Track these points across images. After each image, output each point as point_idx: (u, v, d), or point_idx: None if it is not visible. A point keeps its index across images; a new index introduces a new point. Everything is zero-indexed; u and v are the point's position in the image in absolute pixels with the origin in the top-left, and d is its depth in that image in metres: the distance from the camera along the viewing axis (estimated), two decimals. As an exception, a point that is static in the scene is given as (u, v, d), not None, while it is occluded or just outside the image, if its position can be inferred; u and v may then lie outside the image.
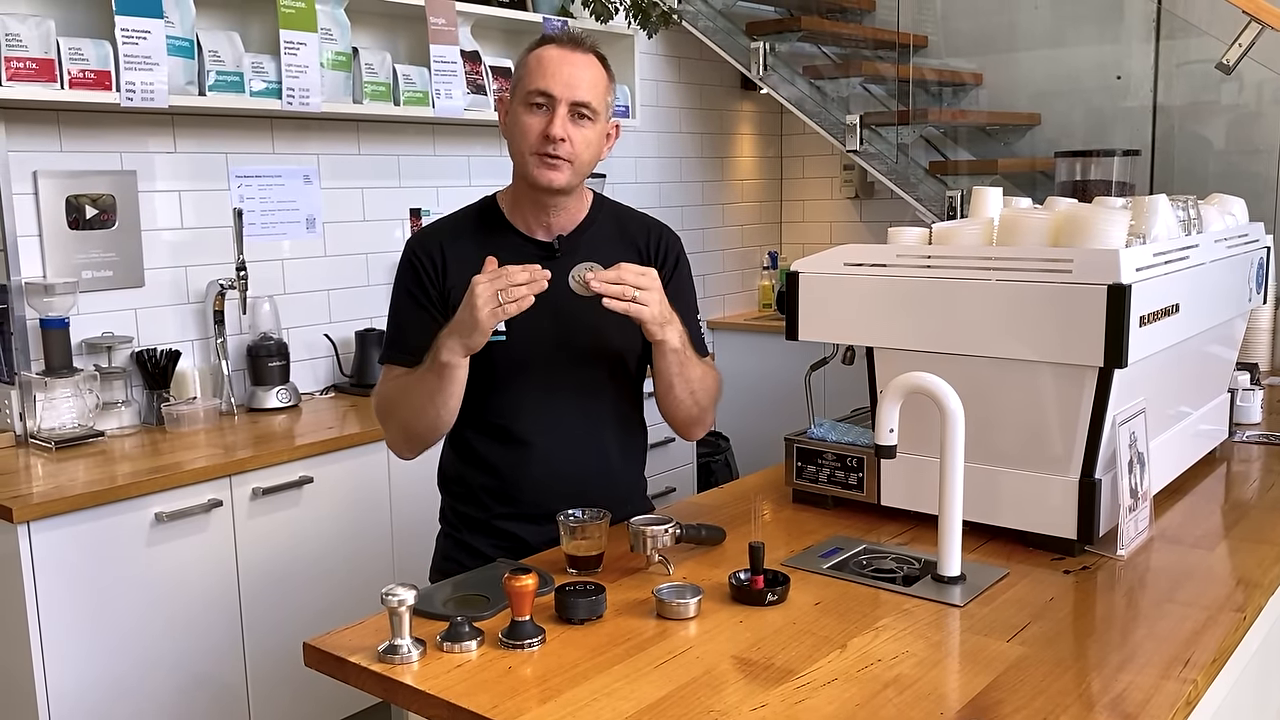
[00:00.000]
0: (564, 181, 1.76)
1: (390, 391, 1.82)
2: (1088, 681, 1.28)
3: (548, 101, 1.73)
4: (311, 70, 2.99)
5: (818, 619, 1.46)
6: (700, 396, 1.85)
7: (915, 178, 4.16)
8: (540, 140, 1.73)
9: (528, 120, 1.75)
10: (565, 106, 1.73)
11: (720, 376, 1.98)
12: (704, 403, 1.87)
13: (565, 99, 1.73)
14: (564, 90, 1.72)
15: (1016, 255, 1.65)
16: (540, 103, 1.74)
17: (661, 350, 1.75)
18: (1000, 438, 1.70)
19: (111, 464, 2.53)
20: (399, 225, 3.55)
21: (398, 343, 1.85)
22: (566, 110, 1.73)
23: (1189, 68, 4.02)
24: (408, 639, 1.35)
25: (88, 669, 2.34)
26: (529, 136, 1.74)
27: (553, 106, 1.73)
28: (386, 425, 1.86)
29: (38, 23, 2.54)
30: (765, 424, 3.97)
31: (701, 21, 4.37)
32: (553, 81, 1.73)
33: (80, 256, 2.83)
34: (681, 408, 1.85)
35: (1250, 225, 2.20)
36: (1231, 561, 1.69)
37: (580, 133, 1.75)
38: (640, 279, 1.66)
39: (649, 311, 1.67)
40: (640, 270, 1.68)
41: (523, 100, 1.76)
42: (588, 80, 1.75)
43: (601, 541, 1.62)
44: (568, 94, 1.73)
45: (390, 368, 1.85)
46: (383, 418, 1.86)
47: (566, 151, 1.74)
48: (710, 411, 1.93)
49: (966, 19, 4.66)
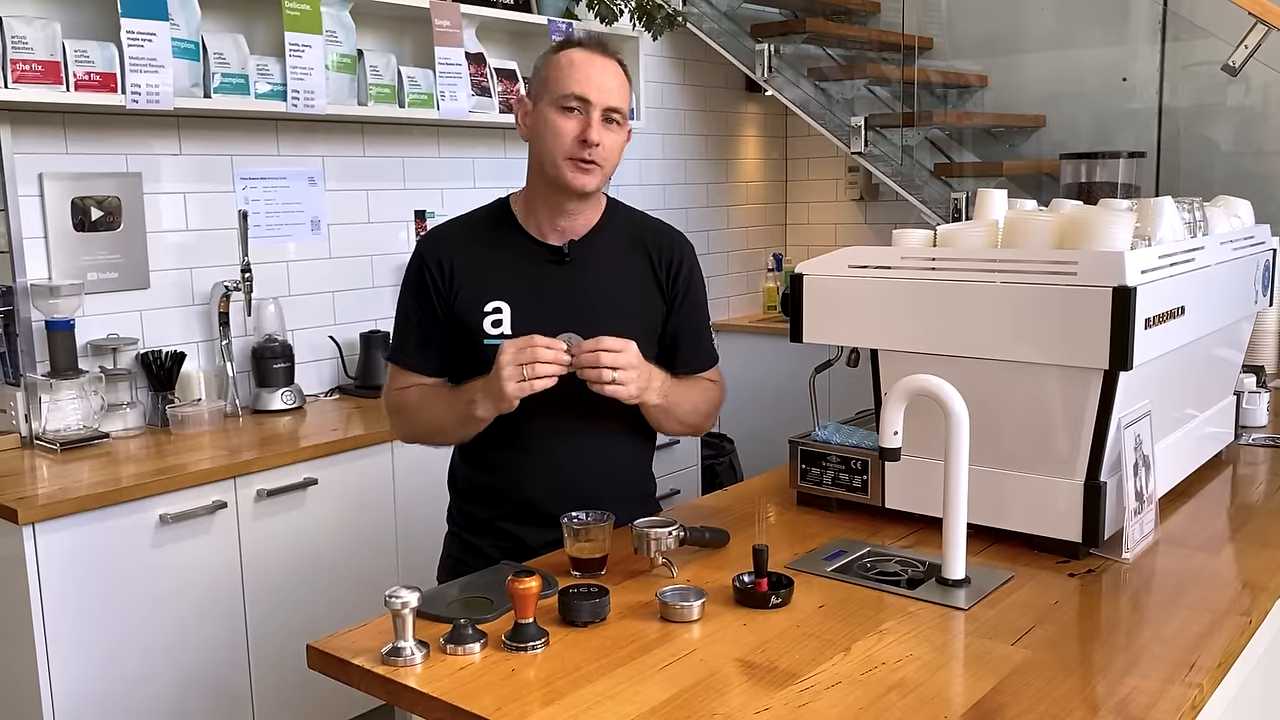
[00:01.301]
0: (595, 185, 1.78)
1: (409, 401, 1.86)
2: (1093, 685, 1.27)
3: (582, 106, 1.74)
4: (316, 72, 2.99)
5: (822, 622, 1.45)
6: (692, 420, 1.90)
7: (920, 180, 4.16)
8: (576, 145, 1.73)
9: (561, 123, 1.74)
10: (599, 111, 1.74)
11: (723, 384, 1.98)
12: (696, 423, 1.92)
13: (600, 104, 1.74)
14: (599, 95, 1.74)
15: (1021, 258, 1.65)
16: (574, 107, 1.74)
17: (644, 408, 1.78)
18: (1005, 440, 1.70)
19: (116, 466, 2.53)
20: (404, 227, 3.55)
21: (404, 345, 1.88)
22: (600, 115, 1.74)
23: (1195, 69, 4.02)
24: (411, 641, 1.34)
25: (92, 670, 2.34)
26: (563, 139, 1.74)
27: (587, 111, 1.73)
28: (400, 423, 1.92)
29: (43, 25, 2.55)
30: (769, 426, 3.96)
31: (706, 23, 4.38)
32: (588, 86, 1.73)
33: (85, 258, 2.83)
34: (675, 433, 1.93)
35: (1256, 227, 2.19)
36: (1237, 565, 1.68)
37: (611, 137, 1.76)
38: (618, 357, 1.68)
39: (626, 391, 1.69)
40: (618, 345, 1.68)
41: (554, 103, 1.75)
42: (617, 85, 1.77)
43: (605, 544, 1.62)
44: (602, 99, 1.74)
45: (397, 370, 1.89)
46: (396, 415, 1.90)
47: (599, 156, 1.75)
48: (706, 426, 1.97)
49: (971, 21, 4.65)
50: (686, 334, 1.92)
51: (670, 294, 1.90)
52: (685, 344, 1.92)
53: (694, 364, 1.93)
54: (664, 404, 1.78)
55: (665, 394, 1.78)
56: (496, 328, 1.79)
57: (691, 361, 1.92)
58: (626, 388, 1.68)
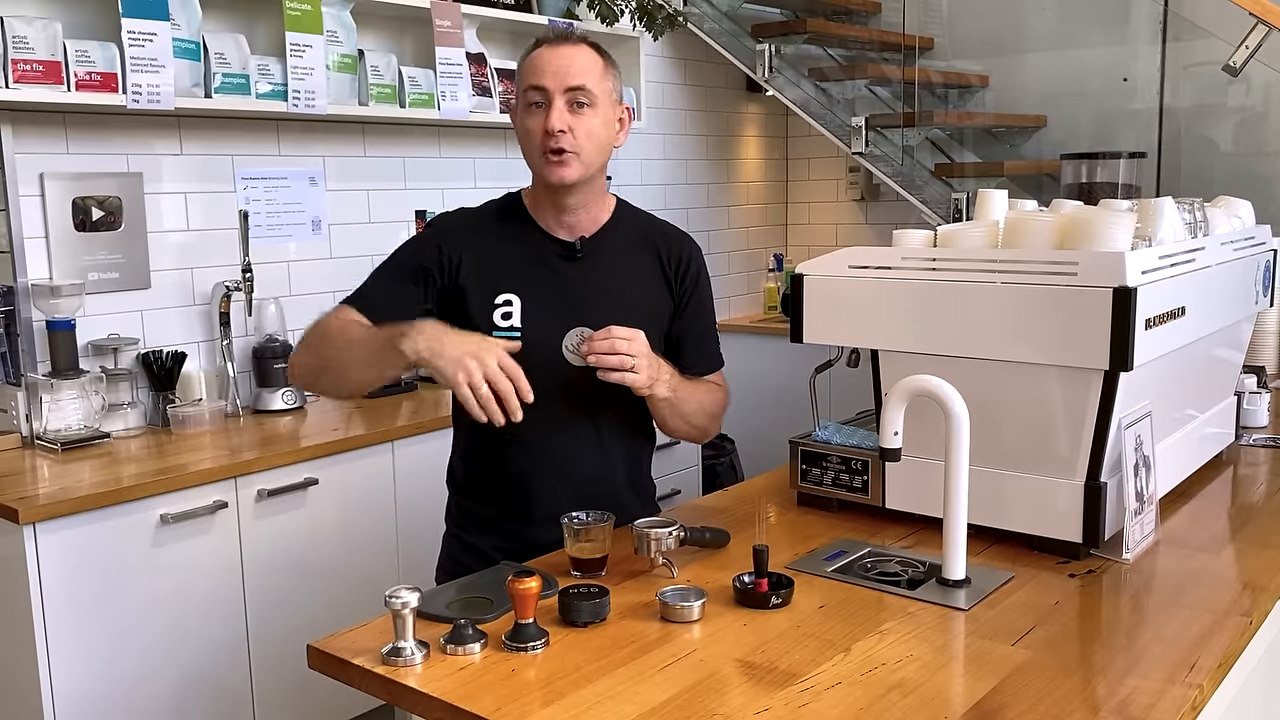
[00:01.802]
0: (575, 176, 1.75)
1: (333, 325, 1.73)
2: (1093, 686, 1.27)
3: (543, 96, 1.73)
4: (317, 72, 2.99)
5: (822, 622, 1.45)
6: (698, 421, 1.88)
7: (921, 180, 4.16)
8: (543, 137, 1.73)
9: (529, 122, 1.75)
10: (561, 97, 1.72)
11: (727, 389, 1.98)
12: (702, 424, 1.90)
13: (558, 89, 1.72)
14: (554, 80, 1.72)
15: (1022, 258, 1.65)
16: (537, 100, 1.73)
17: (652, 402, 1.77)
18: (1005, 441, 1.70)
19: (117, 465, 2.53)
20: (404, 227, 3.55)
21: (370, 296, 1.78)
22: (563, 101, 1.72)
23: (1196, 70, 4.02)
24: (411, 641, 1.34)
25: (92, 670, 2.34)
26: (533, 137, 1.74)
27: (548, 100, 1.72)
28: (305, 350, 1.77)
29: (44, 25, 2.55)
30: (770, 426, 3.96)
31: (707, 24, 4.38)
32: (543, 75, 1.72)
33: (86, 258, 2.83)
34: (679, 434, 1.90)
35: (1257, 228, 2.19)
36: (1238, 566, 1.68)
37: (582, 122, 1.73)
38: (630, 345, 1.67)
39: (640, 379, 1.68)
40: (628, 334, 1.68)
41: (522, 104, 1.76)
42: (578, 66, 1.73)
43: (606, 544, 1.62)
44: (559, 83, 1.72)
45: (345, 308, 1.76)
46: (308, 343, 1.77)
47: (569, 143, 1.72)
48: (711, 430, 1.95)
49: (972, 21, 4.65)
50: (692, 335, 1.92)
51: (679, 294, 1.90)
52: (691, 346, 1.92)
53: (699, 366, 1.93)
54: (672, 398, 1.77)
55: (674, 388, 1.77)
56: (506, 320, 1.79)
57: (697, 363, 1.92)
58: (639, 375, 1.68)
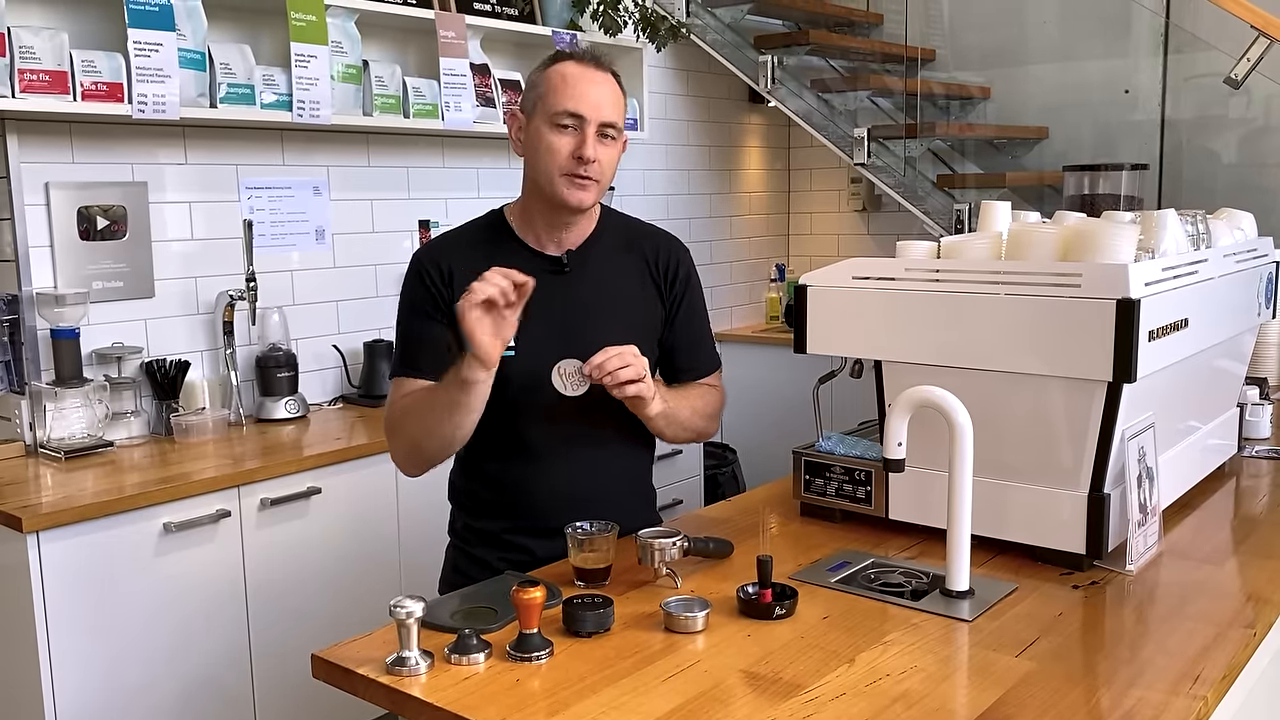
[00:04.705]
0: (592, 200, 1.78)
1: (406, 405, 1.78)
2: (1097, 697, 1.27)
3: (577, 123, 1.73)
4: (322, 83, 3.00)
5: (826, 633, 1.45)
6: (694, 425, 1.88)
7: (923, 191, 4.16)
8: (571, 161, 1.73)
9: (556, 140, 1.74)
10: (594, 128, 1.73)
11: (723, 390, 1.98)
12: (700, 426, 1.90)
13: (595, 120, 1.73)
14: (593, 111, 1.73)
15: (1025, 269, 1.65)
16: (568, 124, 1.73)
17: (646, 417, 1.77)
18: (1009, 452, 1.70)
19: (120, 474, 2.54)
20: (408, 237, 3.56)
21: (407, 357, 1.83)
22: (595, 131, 1.73)
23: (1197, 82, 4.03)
24: (415, 651, 1.35)
25: (95, 679, 2.34)
26: (558, 156, 1.74)
27: (582, 128, 1.73)
28: (395, 439, 1.82)
29: (51, 35, 2.56)
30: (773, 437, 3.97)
31: (710, 35, 4.39)
32: (581, 103, 1.72)
33: (91, 267, 2.84)
34: (678, 441, 1.90)
35: (1259, 240, 2.19)
36: (1241, 577, 1.68)
37: (607, 152, 1.76)
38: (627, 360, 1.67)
39: (647, 389, 1.70)
40: (622, 351, 1.68)
41: (548, 119, 1.74)
42: (611, 100, 1.76)
43: (609, 554, 1.62)
44: (597, 115, 1.73)
45: (401, 382, 1.82)
46: (392, 431, 1.82)
47: (595, 172, 1.74)
48: (710, 430, 1.95)
49: (974, 33, 4.67)
50: (687, 338, 1.93)
51: (669, 298, 1.91)
52: (686, 348, 1.92)
53: (695, 368, 1.93)
54: (665, 409, 1.78)
55: (665, 399, 1.78)
56: None
57: (693, 366, 1.93)
58: (646, 385, 1.69)
